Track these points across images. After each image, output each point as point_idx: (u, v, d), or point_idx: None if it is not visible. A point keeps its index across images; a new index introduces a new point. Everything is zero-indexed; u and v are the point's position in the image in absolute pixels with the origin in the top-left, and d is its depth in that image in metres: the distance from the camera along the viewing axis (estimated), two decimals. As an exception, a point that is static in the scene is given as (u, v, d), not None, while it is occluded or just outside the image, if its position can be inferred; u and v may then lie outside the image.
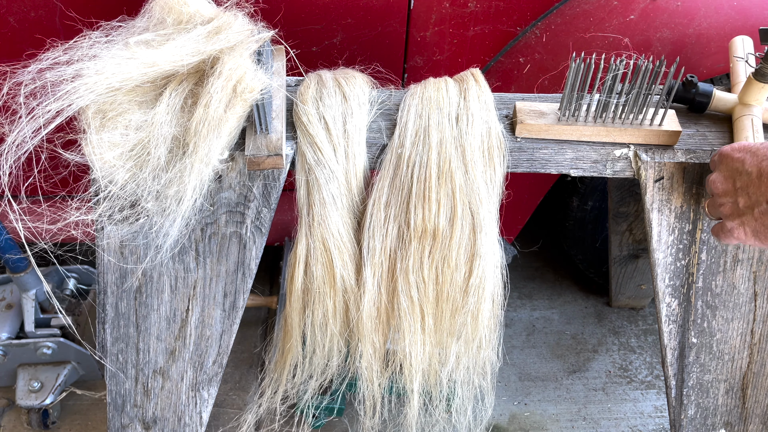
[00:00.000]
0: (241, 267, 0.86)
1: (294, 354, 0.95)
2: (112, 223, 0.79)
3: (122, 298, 0.87)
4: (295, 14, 1.06)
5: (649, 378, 1.56)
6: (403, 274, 0.86)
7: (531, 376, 1.55)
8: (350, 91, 0.86)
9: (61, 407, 1.40)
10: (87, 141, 0.72)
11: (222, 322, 0.90)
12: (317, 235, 0.84)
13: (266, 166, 0.79)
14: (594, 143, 0.86)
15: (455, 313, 0.90)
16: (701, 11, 1.12)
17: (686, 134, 0.88)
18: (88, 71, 0.70)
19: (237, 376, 1.50)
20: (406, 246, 0.85)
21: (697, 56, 1.18)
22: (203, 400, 0.94)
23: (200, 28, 0.76)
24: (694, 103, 0.89)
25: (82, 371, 1.37)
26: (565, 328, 1.66)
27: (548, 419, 1.47)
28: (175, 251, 0.84)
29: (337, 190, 0.84)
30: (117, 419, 0.95)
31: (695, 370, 0.97)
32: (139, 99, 0.75)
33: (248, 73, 0.73)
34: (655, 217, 0.88)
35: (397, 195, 0.84)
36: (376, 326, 0.90)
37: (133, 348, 0.91)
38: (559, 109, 0.85)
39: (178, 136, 0.74)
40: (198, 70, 0.76)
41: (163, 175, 0.73)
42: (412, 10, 1.07)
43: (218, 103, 0.72)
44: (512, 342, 1.62)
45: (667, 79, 0.81)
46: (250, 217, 0.83)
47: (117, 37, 0.77)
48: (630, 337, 1.65)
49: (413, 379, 0.94)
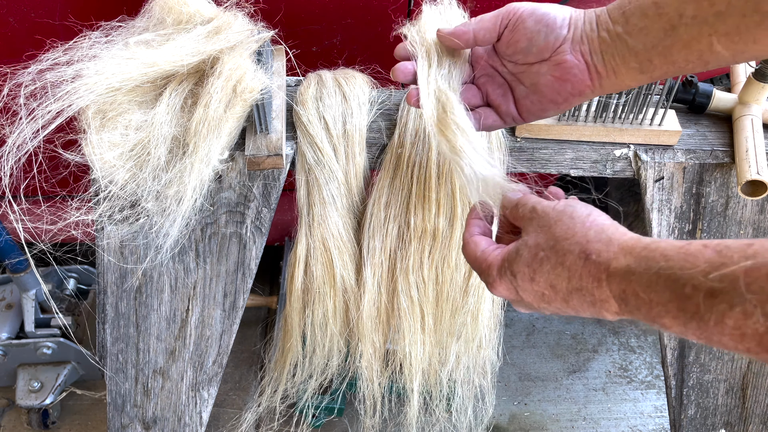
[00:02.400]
0: (241, 267, 0.87)
1: (294, 353, 0.95)
2: (112, 223, 0.79)
3: (122, 298, 0.87)
4: (295, 14, 1.06)
5: (649, 378, 1.56)
6: (403, 274, 0.86)
7: (531, 376, 1.55)
8: (350, 91, 0.86)
9: (61, 407, 1.40)
10: (87, 141, 0.72)
11: (222, 322, 0.90)
12: (317, 235, 0.84)
13: (266, 166, 0.79)
14: (594, 143, 0.86)
15: (455, 313, 0.90)
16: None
17: (686, 134, 0.88)
18: (88, 71, 0.70)
19: (237, 376, 1.50)
20: (406, 246, 0.85)
21: (697, 56, 1.18)
22: (203, 400, 0.94)
23: (200, 28, 0.76)
24: (694, 103, 0.89)
25: (82, 371, 1.37)
26: (565, 328, 1.66)
27: (548, 419, 1.47)
28: (175, 251, 0.84)
29: (337, 190, 0.84)
30: (117, 419, 0.95)
31: (695, 370, 0.97)
32: (139, 99, 0.75)
33: (248, 73, 0.73)
34: (655, 217, 0.88)
35: (397, 195, 0.84)
36: (376, 326, 0.90)
37: (133, 348, 0.91)
38: (559, 109, 0.85)
39: (178, 136, 0.74)
40: (198, 70, 0.76)
41: (163, 175, 0.73)
42: (412, 10, 1.07)
43: (218, 103, 0.72)
44: (512, 342, 1.62)
45: (666, 79, 0.81)
46: (250, 217, 0.83)
47: (117, 38, 0.77)
48: (630, 337, 1.65)
49: (413, 378, 0.94)
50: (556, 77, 0.65)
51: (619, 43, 0.61)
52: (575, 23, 0.63)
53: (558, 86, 0.65)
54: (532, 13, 0.64)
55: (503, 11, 0.65)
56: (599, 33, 0.62)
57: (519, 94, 0.69)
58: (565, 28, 0.63)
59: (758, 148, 0.82)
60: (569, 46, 0.63)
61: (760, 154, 0.81)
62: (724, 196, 0.89)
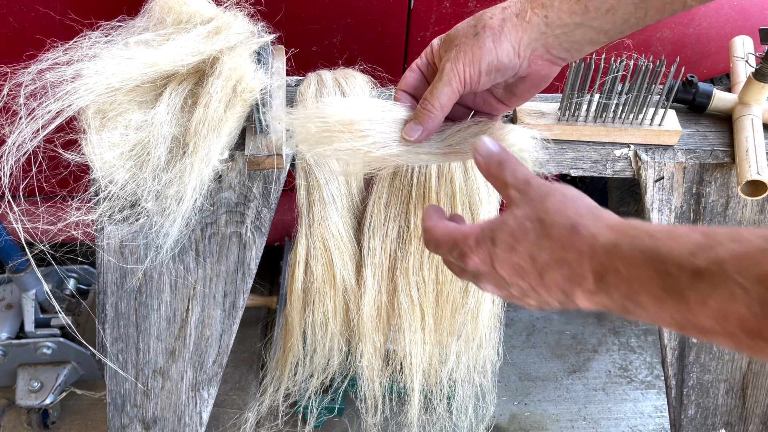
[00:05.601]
0: (241, 267, 0.87)
1: (295, 353, 0.95)
2: (112, 223, 0.79)
3: (122, 298, 0.87)
4: (295, 14, 1.06)
5: (649, 378, 1.56)
6: (403, 273, 0.86)
7: (531, 376, 1.55)
8: (350, 91, 0.86)
9: (61, 407, 1.40)
10: (87, 141, 0.72)
11: (222, 322, 0.90)
12: (317, 235, 0.84)
13: (266, 166, 0.79)
14: (594, 143, 0.86)
15: (455, 312, 0.90)
16: (701, 11, 1.12)
17: (686, 134, 0.88)
18: (88, 71, 0.70)
19: (237, 376, 1.50)
20: (406, 246, 0.85)
21: (697, 56, 1.18)
22: (203, 400, 0.94)
23: (200, 28, 0.76)
24: (694, 103, 0.89)
25: (82, 371, 1.37)
26: (565, 328, 1.66)
27: (548, 419, 1.47)
28: (175, 251, 0.84)
29: (337, 190, 0.84)
30: (117, 419, 0.95)
31: (695, 370, 0.97)
32: (139, 99, 0.75)
33: (248, 73, 0.73)
34: (655, 217, 0.88)
35: (397, 195, 0.84)
36: (377, 326, 0.90)
37: (133, 348, 0.91)
38: (559, 109, 0.85)
39: (178, 136, 0.74)
40: (198, 70, 0.76)
41: (163, 175, 0.73)
42: (412, 10, 1.07)
43: (218, 103, 0.72)
44: (512, 342, 1.62)
45: (667, 79, 0.81)
46: (250, 217, 0.83)
47: (117, 37, 0.77)
48: (630, 337, 1.65)
49: (414, 377, 0.94)
50: (526, 85, 0.68)
51: (581, 29, 0.61)
52: (521, 44, 0.63)
53: (532, 87, 0.68)
54: (479, 72, 0.64)
55: (454, 83, 0.65)
56: (554, 32, 0.62)
57: (498, 95, 0.72)
58: (515, 57, 0.64)
59: (758, 148, 0.82)
60: (528, 62, 0.64)
61: (760, 154, 0.81)
62: (724, 196, 0.89)
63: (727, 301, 0.39)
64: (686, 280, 0.41)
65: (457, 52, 0.64)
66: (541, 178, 0.56)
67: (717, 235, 0.41)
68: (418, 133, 0.68)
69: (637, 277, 0.44)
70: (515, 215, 0.54)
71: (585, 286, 0.49)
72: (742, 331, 0.39)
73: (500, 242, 0.54)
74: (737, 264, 0.39)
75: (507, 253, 0.53)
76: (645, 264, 0.44)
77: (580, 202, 0.52)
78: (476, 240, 0.56)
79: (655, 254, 0.44)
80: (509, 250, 0.53)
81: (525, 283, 0.53)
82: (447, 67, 0.65)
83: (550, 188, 0.54)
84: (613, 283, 0.46)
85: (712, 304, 0.40)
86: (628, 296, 0.45)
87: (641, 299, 0.44)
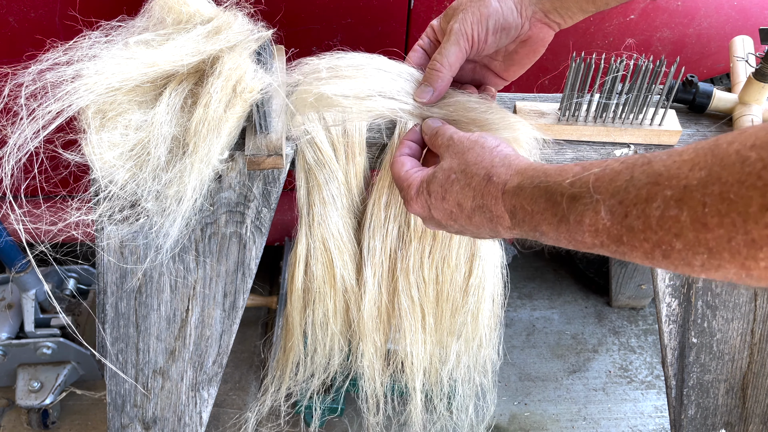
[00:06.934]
0: (241, 267, 0.87)
1: (296, 352, 0.95)
2: (112, 223, 0.79)
3: (122, 298, 0.87)
4: (295, 14, 1.06)
5: (649, 378, 1.56)
6: (403, 273, 0.86)
7: (531, 376, 1.55)
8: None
9: (61, 407, 1.40)
10: (87, 141, 0.72)
11: (222, 322, 0.90)
12: (317, 235, 0.84)
13: (266, 166, 0.79)
14: (594, 143, 0.86)
15: (455, 312, 0.91)
16: (701, 11, 1.12)
17: (686, 134, 0.88)
18: (88, 71, 0.70)
19: (237, 376, 1.50)
20: (406, 246, 0.85)
21: (697, 56, 1.18)
22: (203, 400, 0.94)
23: (200, 27, 0.75)
24: (694, 103, 0.89)
25: (82, 371, 1.37)
26: (565, 328, 1.66)
27: (548, 419, 1.47)
28: (175, 251, 0.84)
29: (337, 190, 0.84)
30: (117, 419, 0.95)
31: (695, 370, 0.97)
32: (139, 99, 0.75)
33: (248, 72, 0.73)
34: (655, 216, 0.88)
35: (397, 195, 0.84)
36: (377, 325, 0.90)
37: (132, 348, 0.91)
38: (559, 109, 0.85)
39: (178, 136, 0.74)
40: (198, 70, 0.76)
41: (163, 175, 0.73)
42: (412, 10, 1.07)
43: (218, 103, 0.72)
44: (512, 342, 1.62)
45: (667, 79, 0.81)
46: (250, 217, 0.83)
47: (117, 37, 0.77)
48: (630, 337, 1.65)
49: (415, 377, 0.94)
50: (525, 50, 0.75)
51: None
52: (523, 4, 0.71)
53: (531, 52, 0.76)
54: (487, 30, 0.71)
55: (462, 42, 0.72)
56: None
57: (496, 68, 0.79)
58: (519, 16, 0.71)
59: (758, 147, 0.82)
60: (529, 24, 0.72)
61: (761, 153, 0.81)
62: (724, 196, 0.89)
63: (594, 216, 0.46)
64: (567, 204, 0.49)
65: (464, 14, 0.71)
66: (465, 134, 0.65)
67: (591, 165, 0.48)
68: (430, 94, 0.75)
69: (537, 210, 0.52)
70: (443, 168, 0.63)
71: (504, 224, 0.58)
72: (609, 240, 0.45)
73: (433, 192, 0.63)
74: (597, 184, 0.46)
75: (439, 201, 0.63)
76: (541, 198, 0.52)
77: (495, 152, 0.61)
78: (417, 191, 0.65)
79: (547, 189, 0.51)
80: (441, 199, 0.62)
81: (458, 224, 0.63)
82: (455, 28, 0.72)
83: (472, 142, 0.63)
84: (522, 218, 0.55)
85: (586, 221, 0.47)
86: (534, 227, 0.54)
87: (543, 227, 0.52)
